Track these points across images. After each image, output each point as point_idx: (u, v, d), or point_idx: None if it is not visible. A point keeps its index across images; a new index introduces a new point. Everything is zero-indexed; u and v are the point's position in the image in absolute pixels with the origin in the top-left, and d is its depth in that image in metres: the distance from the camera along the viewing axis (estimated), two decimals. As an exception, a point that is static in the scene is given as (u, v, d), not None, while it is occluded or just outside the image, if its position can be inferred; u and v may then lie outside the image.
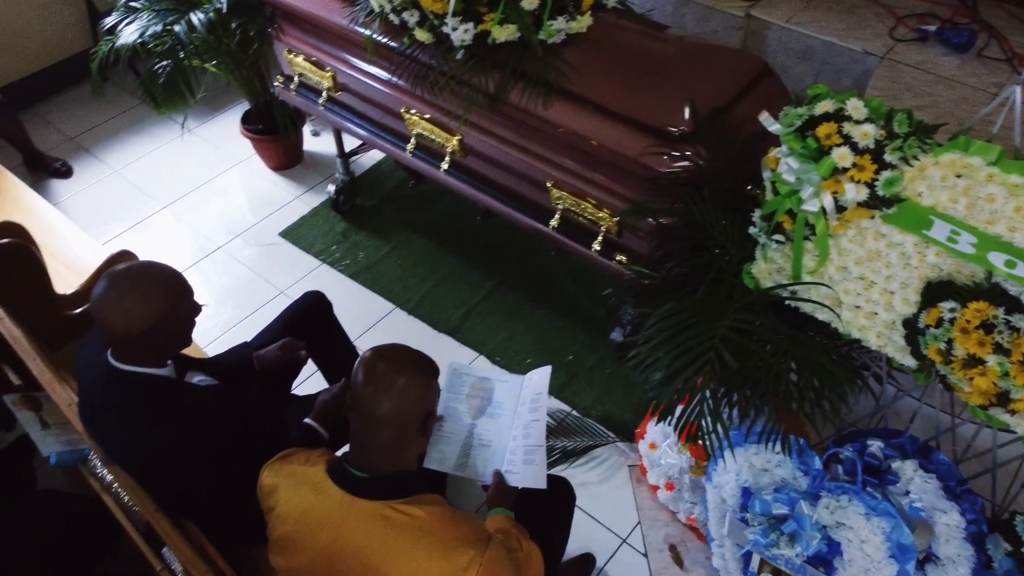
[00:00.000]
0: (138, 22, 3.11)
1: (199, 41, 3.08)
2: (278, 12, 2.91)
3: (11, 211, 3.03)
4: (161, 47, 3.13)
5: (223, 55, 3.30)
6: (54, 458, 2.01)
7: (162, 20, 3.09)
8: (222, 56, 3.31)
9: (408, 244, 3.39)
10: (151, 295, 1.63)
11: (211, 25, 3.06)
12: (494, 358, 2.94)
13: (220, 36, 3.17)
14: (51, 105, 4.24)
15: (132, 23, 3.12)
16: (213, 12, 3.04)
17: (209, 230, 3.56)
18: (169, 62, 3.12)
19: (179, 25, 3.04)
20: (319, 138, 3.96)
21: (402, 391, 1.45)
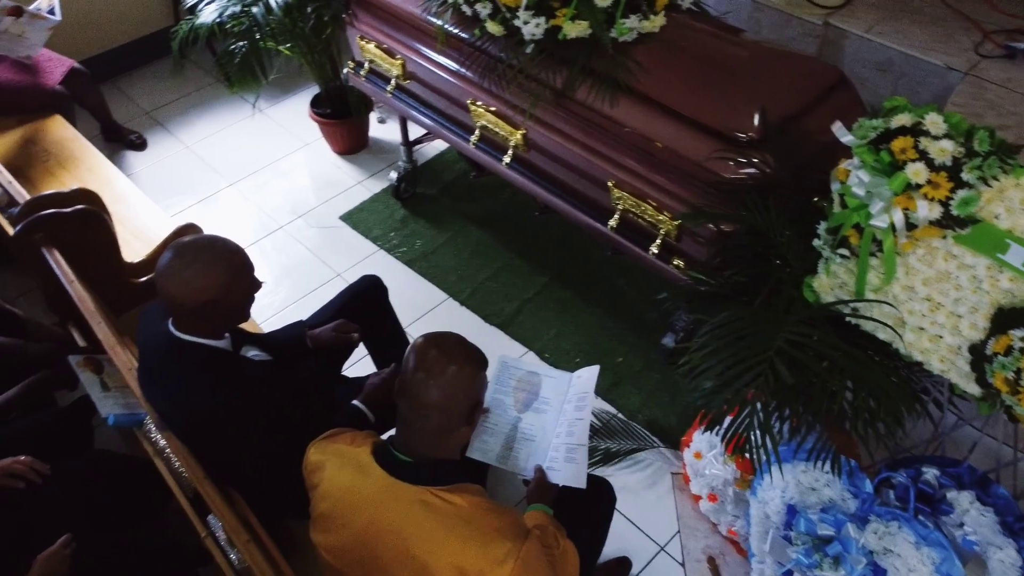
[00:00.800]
0: (217, 3, 3.19)
1: (275, 23, 3.15)
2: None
3: (87, 179, 3.14)
4: (238, 28, 3.21)
5: (297, 38, 3.36)
6: (111, 419, 2.07)
7: (240, 1, 3.16)
8: (296, 39, 3.37)
9: (465, 235, 3.41)
10: (212, 268, 1.67)
11: (287, 8, 3.11)
12: (543, 355, 2.93)
13: (295, 19, 3.23)
14: (131, 79, 4.38)
15: (211, 3, 3.20)
16: (289, -5, 3.10)
17: (273, 209, 3.63)
18: (245, 43, 3.19)
19: (256, 7, 3.10)
20: (384, 125, 4.01)
21: (451, 379, 1.46)
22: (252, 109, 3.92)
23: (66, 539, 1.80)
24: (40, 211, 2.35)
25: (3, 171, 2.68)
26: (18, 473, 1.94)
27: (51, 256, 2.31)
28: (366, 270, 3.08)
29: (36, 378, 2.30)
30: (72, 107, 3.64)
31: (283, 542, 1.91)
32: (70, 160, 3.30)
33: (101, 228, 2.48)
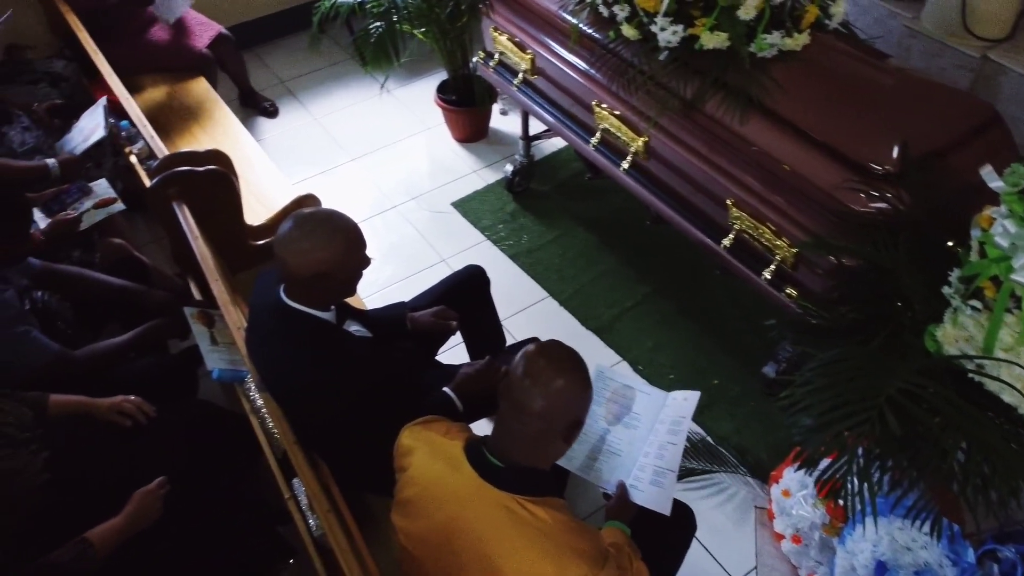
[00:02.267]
0: (360, -18, 3.28)
1: (413, 8, 3.21)
2: (492, -10, 2.97)
3: (221, 140, 3.30)
4: (377, 9, 3.29)
5: (432, 24, 3.41)
6: (216, 373, 2.16)
7: (383, -16, 3.23)
8: (431, 25, 3.42)
9: (572, 235, 3.39)
10: (329, 241, 1.72)
11: (426, -6, 3.17)
12: (637, 366, 2.88)
13: (433, 5, 3.28)
14: (271, 49, 4.56)
15: (354, -18, 3.29)
16: (430, -19, 3.15)
17: (388, 188, 3.71)
18: (382, 24, 3.27)
19: (397, -11, 3.17)
20: (506, 117, 4.03)
21: (557, 392, 1.43)
22: (381, 89, 4.02)
23: (162, 480, 1.89)
24: (176, 167, 2.48)
25: (147, 125, 2.84)
26: (127, 412, 2.05)
27: (181, 211, 2.43)
28: (471, 259, 3.13)
29: (153, 324, 2.43)
30: (215, 71, 3.82)
31: (360, 515, 1.96)
32: (208, 121, 3.47)
33: (229, 190, 2.59)
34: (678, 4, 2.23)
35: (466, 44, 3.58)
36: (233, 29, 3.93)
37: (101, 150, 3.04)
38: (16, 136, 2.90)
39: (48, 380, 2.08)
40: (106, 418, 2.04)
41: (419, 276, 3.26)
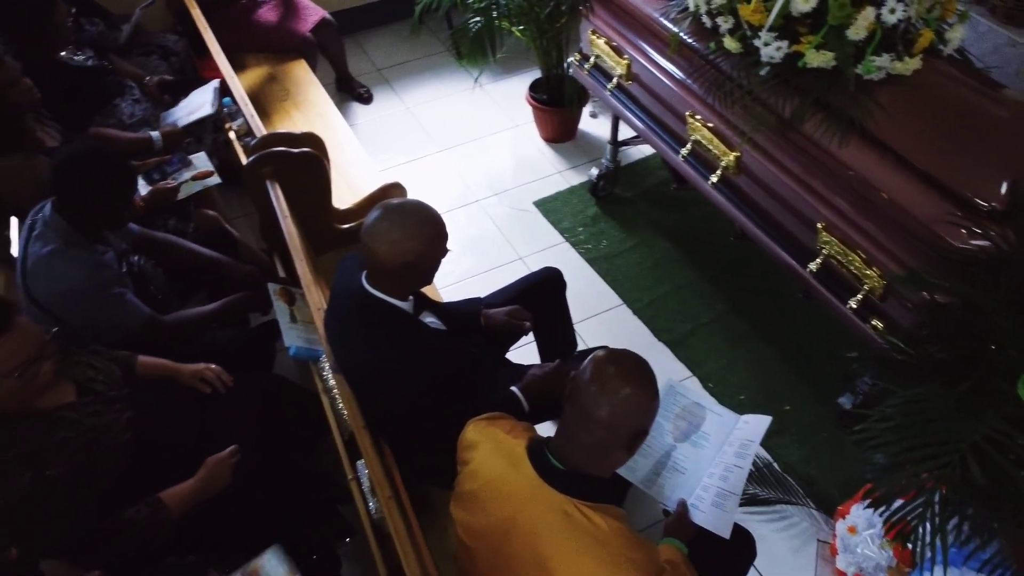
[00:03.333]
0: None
1: (513, 5, 3.23)
2: (594, -8, 2.95)
3: (316, 123, 3.38)
4: (478, 4, 3.32)
5: (531, 22, 3.42)
6: (293, 350, 2.22)
7: (486, -20, 3.25)
8: (530, 23, 3.43)
9: (652, 244, 3.35)
10: (418, 233, 1.75)
11: (528, -8, 3.18)
12: (707, 383, 2.83)
13: (533, 4, 3.29)
14: (370, 36, 4.65)
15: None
16: (535, -19, 3.16)
17: (473, 182, 3.74)
18: (481, 19, 3.30)
19: (501, -13, 3.19)
20: (596, 120, 4.01)
21: (623, 401, 1.43)
22: (474, 83, 4.05)
23: (234, 449, 1.96)
24: (272, 147, 2.56)
25: (248, 104, 2.93)
26: (207, 379, 2.13)
27: (273, 189, 2.51)
28: (548, 259, 3.13)
29: (238, 297, 2.52)
30: (316, 54, 3.92)
31: (419, 504, 1.99)
32: (305, 103, 3.56)
33: (320, 172, 2.66)
34: (784, 20, 2.18)
35: (562, 45, 3.58)
36: (336, 15, 4.02)
37: (203, 126, 3.16)
38: (126, 108, 3.04)
39: (137, 342, 2.18)
40: (187, 383, 2.12)
41: (496, 272, 3.28)
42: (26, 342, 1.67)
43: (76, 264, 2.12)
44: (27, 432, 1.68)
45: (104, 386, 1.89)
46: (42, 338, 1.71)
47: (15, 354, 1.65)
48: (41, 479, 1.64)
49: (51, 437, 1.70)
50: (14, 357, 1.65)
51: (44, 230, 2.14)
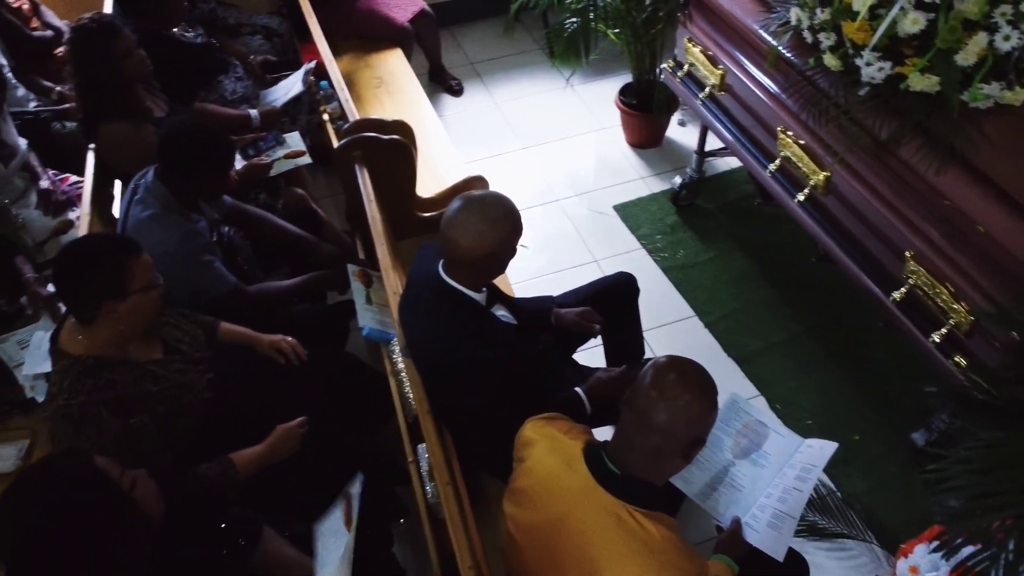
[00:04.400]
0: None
1: (611, 8, 3.23)
2: (694, 1, 2.92)
3: (407, 111, 3.45)
4: (575, 4, 3.33)
5: (627, 26, 3.42)
6: (366, 330, 2.28)
7: (585, -19, 3.26)
8: (625, 27, 3.43)
9: (730, 258, 3.30)
10: (499, 225, 1.79)
11: (626, -4, 3.17)
12: (774, 404, 2.78)
13: (631, 8, 3.28)
14: (465, 29, 4.71)
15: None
16: (634, -15, 3.15)
17: (554, 181, 3.76)
18: (577, 20, 3.31)
19: (600, -11, 3.19)
20: (683, 129, 3.97)
21: (681, 408, 1.43)
22: (565, 83, 4.06)
23: (303, 420, 2.02)
24: (363, 132, 2.63)
25: (344, 88, 3.02)
26: (283, 351, 2.21)
27: (360, 173, 2.58)
28: (623, 264, 3.11)
29: (318, 274, 2.60)
30: (412, 44, 4.00)
31: (475, 493, 2.02)
32: (397, 91, 3.64)
33: (407, 160, 2.72)
34: (890, 40, 2.11)
35: (656, 50, 3.55)
36: (434, 6, 4.10)
37: (298, 106, 3.26)
38: (229, 85, 3.17)
39: (221, 309, 2.27)
40: (264, 352, 2.20)
41: (569, 272, 3.28)
42: (147, 269, 1.83)
43: (171, 229, 2.23)
44: (119, 380, 1.77)
45: (189, 347, 1.98)
46: (154, 272, 1.86)
47: (148, 267, 1.83)
48: (127, 425, 1.74)
49: (139, 388, 1.80)
50: (149, 270, 1.82)
51: (145, 195, 2.25)
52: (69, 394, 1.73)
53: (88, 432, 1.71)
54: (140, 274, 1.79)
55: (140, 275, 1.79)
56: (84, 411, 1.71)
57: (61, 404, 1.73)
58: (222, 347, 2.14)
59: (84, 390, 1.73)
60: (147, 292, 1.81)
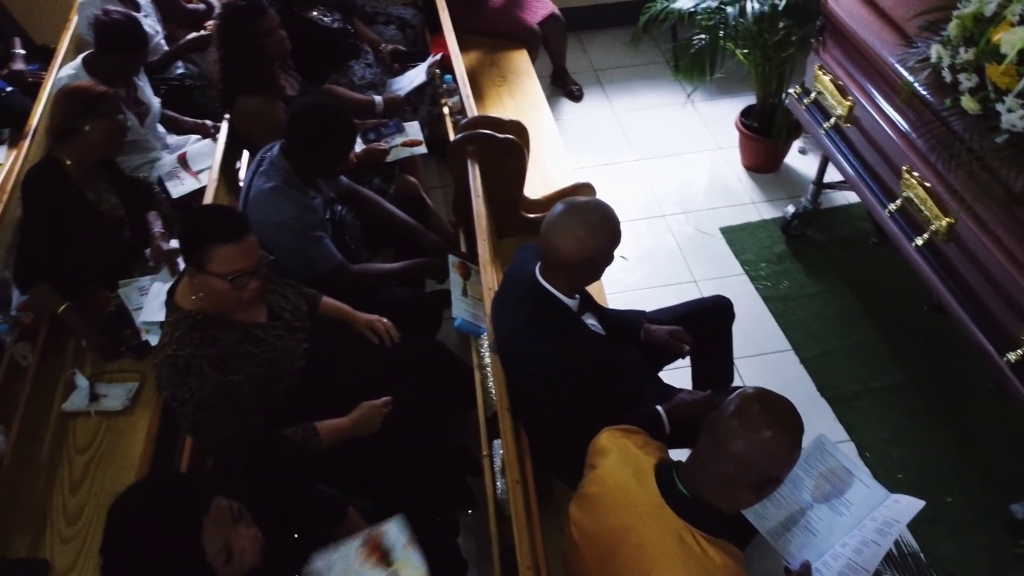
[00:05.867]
0: (697, -7, 3.29)
1: (742, 28, 3.17)
2: (830, 27, 2.84)
3: (525, 112, 3.49)
4: (706, 21, 3.29)
5: (757, 47, 3.35)
6: (458, 321, 2.34)
7: (720, -2, 3.22)
8: (755, 48, 3.36)
9: (836, 295, 3.19)
10: (599, 232, 1.81)
11: (760, 17, 3.11)
12: (864, 452, 2.67)
13: (763, 30, 3.22)
14: (593, 36, 4.72)
15: (692, -8, 3.31)
16: (768, 6, 3.09)
17: (662, 195, 3.73)
18: (706, 37, 3.27)
19: (732, 7, 3.15)
20: (803, 157, 3.86)
21: (762, 443, 1.40)
22: (686, 99, 4.02)
23: (388, 400, 2.08)
24: (479, 128, 2.68)
25: (466, 84, 3.08)
26: (378, 331, 2.28)
27: (472, 168, 2.63)
28: (722, 288, 3.06)
29: (420, 262, 2.67)
30: (539, 46, 4.05)
31: (543, 494, 2.03)
32: (518, 91, 3.69)
33: (518, 160, 2.75)
34: (1038, 87, 2.00)
35: (784, 74, 3.47)
36: (564, 11, 4.12)
37: (421, 97, 3.36)
38: (359, 70, 3.30)
39: (324, 283, 2.37)
40: (360, 330, 2.29)
41: (666, 289, 3.25)
42: (248, 256, 1.85)
43: (289, 202, 2.35)
44: (223, 338, 1.88)
45: (290, 316, 2.07)
46: (261, 258, 1.89)
47: (235, 261, 1.82)
48: (225, 382, 1.84)
49: (240, 348, 1.90)
50: (233, 264, 1.81)
51: (269, 168, 2.37)
52: (178, 345, 1.84)
53: (190, 383, 1.82)
54: (219, 262, 1.80)
55: (219, 263, 1.80)
56: (189, 363, 1.83)
57: (170, 354, 1.85)
58: (321, 320, 2.23)
59: (191, 343, 1.84)
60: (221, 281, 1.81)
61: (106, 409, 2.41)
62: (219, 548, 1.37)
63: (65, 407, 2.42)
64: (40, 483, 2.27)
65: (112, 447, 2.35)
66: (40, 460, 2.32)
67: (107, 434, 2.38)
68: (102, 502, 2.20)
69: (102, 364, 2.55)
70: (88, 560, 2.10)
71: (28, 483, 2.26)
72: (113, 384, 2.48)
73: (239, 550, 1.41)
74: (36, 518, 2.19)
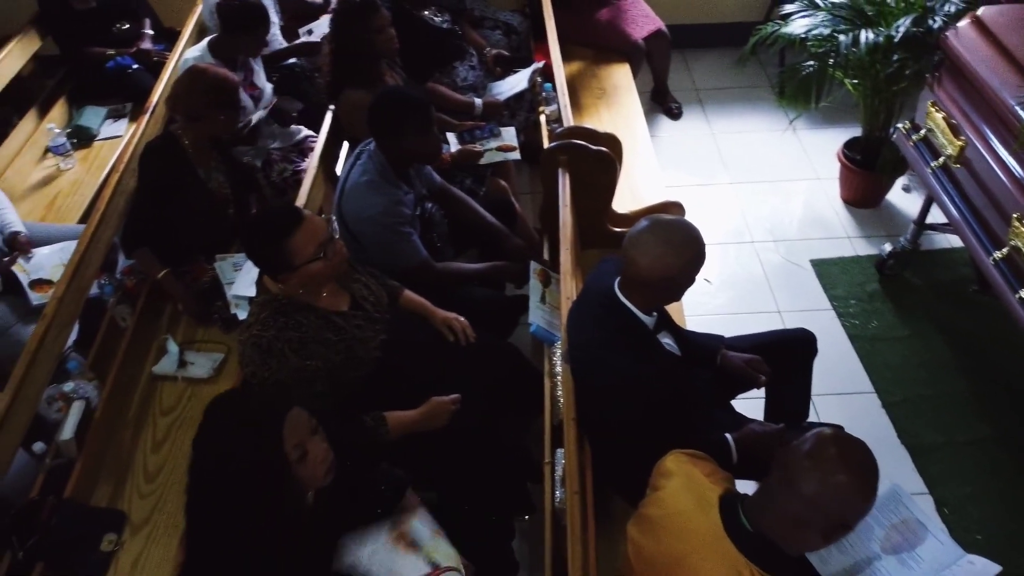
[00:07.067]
0: (811, 19, 3.22)
1: (854, 58, 3.08)
2: (948, 63, 2.73)
3: (620, 126, 3.48)
4: (817, 48, 3.21)
5: (867, 79, 3.25)
6: (534, 327, 2.35)
7: (833, 26, 3.14)
8: (866, 79, 3.26)
9: (927, 341, 3.06)
10: (680, 251, 1.78)
11: (874, 48, 3.02)
12: (942, 507, 2.55)
13: (876, 61, 3.12)
14: (698, 55, 4.67)
15: (806, 18, 3.23)
16: (883, 38, 2.99)
17: (753, 221, 3.65)
18: (815, 64, 3.19)
19: (845, 36, 3.06)
20: (907, 195, 3.72)
21: (834, 487, 1.35)
22: (788, 125, 3.93)
23: (456, 398, 2.11)
24: (573, 139, 2.69)
25: (565, 94, 3.10)
26: (455, 329, 2.32)
27: (562, 177, 2.65)
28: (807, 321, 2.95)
29: (502, 265, 2.70)
30: (642, 61, 4.04)
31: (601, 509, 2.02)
32: (617, 104, 3.68)
33: (609, 173, 2.75)
34: None
35: (894, 108, 3.36)
36: (671, 28, 4.09)
37: (520, 103, 3.40)
38: (462, 71, 3.36)
39: (407, 277, 2.42)
40: (437, 327, 2.33)
41: (748, 317, 3.19)
42: (317, 227, 1.93)
43: (381, 196, 2.41)
44: (305, 323, 1.95)
45: (372, 306, 2.13)
46: (327, 221, 1.97)
47: (312, 239, 1.90)
48: (303, 366, 1.91)
49: (320, 334, 1.96)
50: (312, 241, 1.90)
51: (367, 161, 2.45)
52: (262, 326, 1.92)
53: (270, 364, 1.90)
54: (302, 249, 1.87)
55: (302, 250, 1.87)
56: (271, 345, 1.90)
57: (254, 333, 1.93)
58: (400, 312, 2.28)
59: (275, 326, 1.92)
60: (315, 262, 1.89)
61: (192, 376, 2.53)
62: (295, 444, 1.51)
63: (155, 370, 2.55)
64: (126, 439, 2.40)
65: (194, 413, 2.46)
66: (128, 417, 2.45)
67: (190, 400, 2.50)
68: (179, 464, 2.31)
69: (192, 333, 2.68)
70: (161, 517, 2.21)
71: (115, 438, 2.40)
72: (201, 353, 2.60)
73: (312, 454, 1.53)
74: (119, 472, 2.32)
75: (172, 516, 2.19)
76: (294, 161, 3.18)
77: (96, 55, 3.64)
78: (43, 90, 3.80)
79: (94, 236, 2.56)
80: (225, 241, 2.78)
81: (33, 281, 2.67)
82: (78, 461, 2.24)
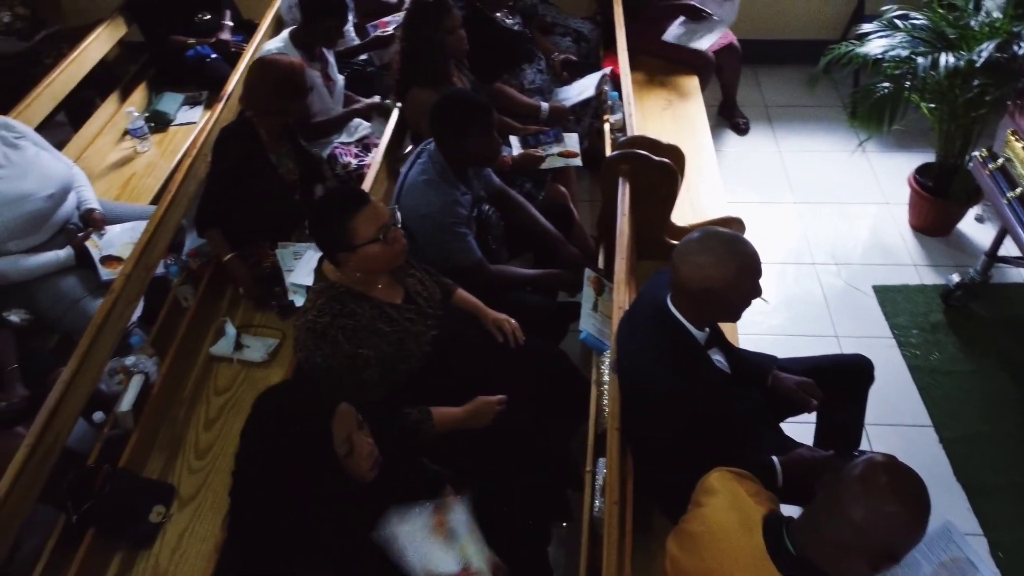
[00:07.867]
0: (888, 40, 3.15)
1: (931, 82, 3.00)
2: (1033, 91, 2.64)
3: (684, 138, 3.44)
4: (892, 70, 3.14)
5: (944, 103, 3.16)
6: (584, 334, 2.34)
7: (912, 48, 3.07)
8: (943, 104, 3.17)
9: (991, 377, 2.95)
10: (721, 263, 1.74)
11: (954, 72, 2.93)
12: (996, 551, 2.45)
13: (955, 85, 3.03)
14: (769, 71, 4.61)
15: (884, 39, 3.16)
16: (964, 62, 2.90)
17: (816, 243, 3.58)
18: (890, 86, 3.11)
19: (924, 59, 2.98)
20: (980, 225, 3.60)
21: (883, 516, 1.31)
22: (857, 147, 3.84)
23: (502, 398, 2.12)
24: (636, 148, 2.68)
25: (631, 103, 3.08)
26: (505, 331, 2.33)
27: (622, 187, 2.63)
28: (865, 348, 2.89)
29: (556, 273, 2.70)
30: (711, 74, 3.99)
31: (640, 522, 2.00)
32: (683, 116, 3.65)
33: (671, 185, 2.73)
34: None
35: (971, 135, 3.25)
36: (743, 42, 4.04)
37: (585, 109, 3.40)
38: (530, 74, 3.37)
39: (461, 276, 2.44)
40: (487, 327, 2.34)
41: (804, 340, 3.13)
42: (380, 211, 1.98)
43: (438, 195, 2.44)
44: (359, 312, 1.98)
45: (424, 301, 2.16)
46: (392, 210, 2.01)
47: (375, 220, 1.94)
48: (355, 354, 1.94)
49: (374, 324, 1.99)
50: (376, 222, 1.94)
51: (427, 159, 2.48)
52: (318, 312, 1.96)
53: (323, 349, 1.93)
54: (364, 229, 1.92)
55: (364, 230, 1.92)
56: (326, 331, 1.94)
57: (310, 319, 1.97)
58: (452, 310, 2.30)
59: (330, 312, 1.95)
60: (375, 243, 1.94)
61: (247, 359, 2.60)
62: (343, 439, 1.55)
63: (212, 351, 2.62)
64: (180, 415, 2.47)
65: (246, 395, 2.52)
66: (183, 394, 2.53)
67: (244, 382, 2.56)
68: (229, 444, 2.37)
69: (250, 317, 2.75)
70: (208, 494, 2.27)
71: (170, 413, 2.47)
72: (257, 337, 2.66)
73: (359, 448, 1.58)
74: (171, 446, 2.39)
75: (218, 494, 2.25)
76: (357, 155, 3.24)
77: (177, 43, 3.77)
78: (126, 75, 3.97)
79: (163, 218, 2.65)
80: (288, 227, 2.84)
81: (104, 257, 2.77)
82: (134, 433, 2.32)
